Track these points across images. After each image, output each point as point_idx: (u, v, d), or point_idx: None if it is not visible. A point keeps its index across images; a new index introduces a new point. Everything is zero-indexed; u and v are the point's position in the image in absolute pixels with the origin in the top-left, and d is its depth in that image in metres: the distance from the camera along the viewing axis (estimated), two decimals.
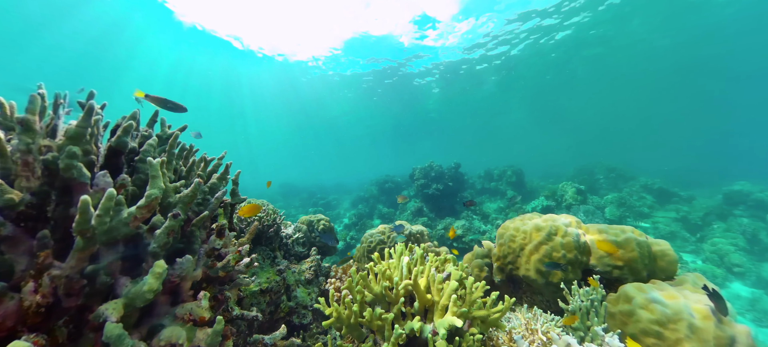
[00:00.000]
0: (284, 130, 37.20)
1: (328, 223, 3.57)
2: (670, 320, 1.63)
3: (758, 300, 5.30)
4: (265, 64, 16.54)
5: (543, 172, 14.95)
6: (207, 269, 1.31)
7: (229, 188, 1.76)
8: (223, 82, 19.52)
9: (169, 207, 1.19)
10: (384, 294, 1.52)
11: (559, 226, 2.50)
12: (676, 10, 10.66)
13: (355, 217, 11.42)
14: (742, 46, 13.22)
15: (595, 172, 11.72)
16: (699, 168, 15.95)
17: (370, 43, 14.11)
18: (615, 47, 13.45)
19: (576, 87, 19.13)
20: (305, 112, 26.44)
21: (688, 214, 7.69)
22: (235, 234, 1.68)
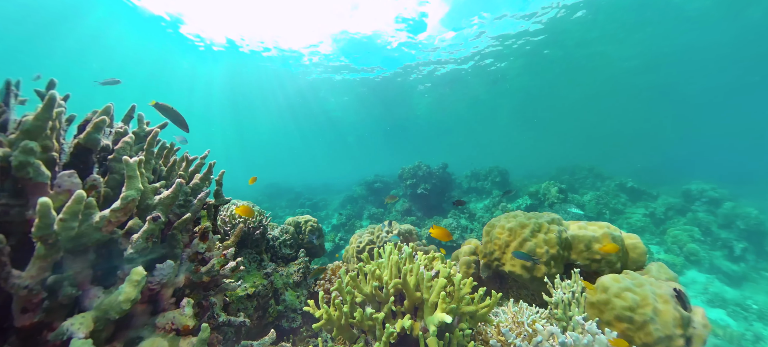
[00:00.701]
0: (269, 128, 36.03)
1: (316, 224, 3.51)
2: (638, 305, 1.77)
3: (710, 283, 5.93)
4: (249, 59, 15.92)
5: (526, 172, 15.57)
6: (190, 274, 1.24)
7: (213, 189, 1.67)
8: (204, 77, 18.64)
9: (148, 210, 1.12)
10: (374, 293, 1.52)
11: (543, 223, 2.60)
12: (642, 36, 12.60)
13: (344, 218, 11.32)
14: (697, 68, 16.11)
15: (576, 172, 12.35)
16: (663, 168, 17.45)
17: (360, 43, 14.05)
18: (592, 63, 15.19)
19: (558, 94, 20.82)
20: (292, 110, 25.76)
21: (655, 210, 8.33)
22: (220, 237, 1.60)
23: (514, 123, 33.48)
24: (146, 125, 1.46)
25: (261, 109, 25.11)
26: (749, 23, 11.95)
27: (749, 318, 5.21)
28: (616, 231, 2.54)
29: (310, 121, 30.94)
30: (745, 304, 5.45)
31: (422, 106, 24.29)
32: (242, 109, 25.73)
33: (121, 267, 1.00)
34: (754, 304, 5.43)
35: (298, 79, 18.32)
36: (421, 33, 13.18)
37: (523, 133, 40.52)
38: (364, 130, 35.73)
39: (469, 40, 13.57)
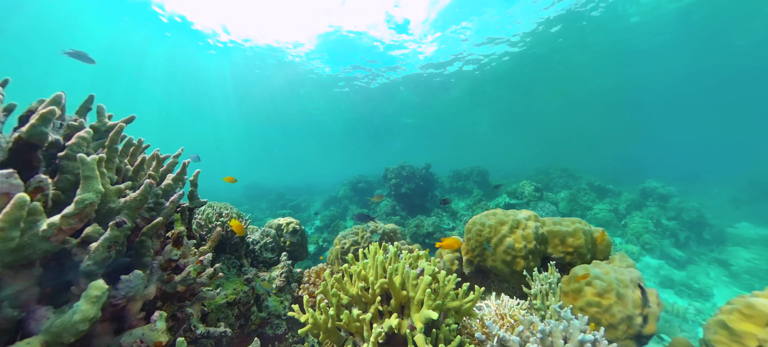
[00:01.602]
0: (249, 126, 34.29)
1: (298, 226, 3.42)
2: (606, 291, 1.94)
3: (661, 268, 6.70)
4: (229, 52, 14.98)
5: (505, 172, 16.33)
6: (162, 284, 1.13)
7: (187, 190, 1.55)
8: (181, 70, 17.26)
9: (111, 215, 0.99)
10: (360, 294, 1.51)
11: (520, 220, 2.73)
12: (609, 50, 14.14)
13: (327, 219, 11.14)
14: (653, 81, 18.68)
15: (550, 172, 13.17)
16: (624, 168, 19.38)
17: (346, 41, 13.81)
18: (566, 72, 16.71)
19: (534, 98, 22.45)
20: (274, 108, 24.66)
21: (618, 206, 9.15)
22: (196, 242, 1.49)
23: (494, 126, 35.30)
24: (109, 119, 1.29)
25: (240, 105, 23.80)
26: (696, 47, 13.97)
27: (692, 296, 5.91)
28: (587, 226, 2.74)
29: (293, 120, 29.91)
30: (688, 284, 6.18)
31: (406, 107, 24.55)
32: (219, 105, 24.20)
33: (77, 281, 0.87)
34: (695, 284, 6.19)
35: (280, 76, 17.59)
36: (407, 35, 13.32)
37: (502, 135, 42.70)
38: (348, 129, 35.31)
39: (453, 45, 14.01)
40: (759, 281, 6.20)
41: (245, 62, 16.06)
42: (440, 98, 21.47)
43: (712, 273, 6.69)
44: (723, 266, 6.89)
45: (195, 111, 27.26)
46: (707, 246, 7.62)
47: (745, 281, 6.33)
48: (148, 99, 22.94)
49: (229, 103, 23.62)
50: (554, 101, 22.98)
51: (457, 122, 31.89)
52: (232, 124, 33.32)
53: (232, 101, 22.82)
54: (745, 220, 9.19)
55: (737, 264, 6.83)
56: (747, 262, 6.82)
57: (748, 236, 8.11)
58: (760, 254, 7.03)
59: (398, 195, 10.66)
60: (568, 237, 2.65)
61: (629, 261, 2.29)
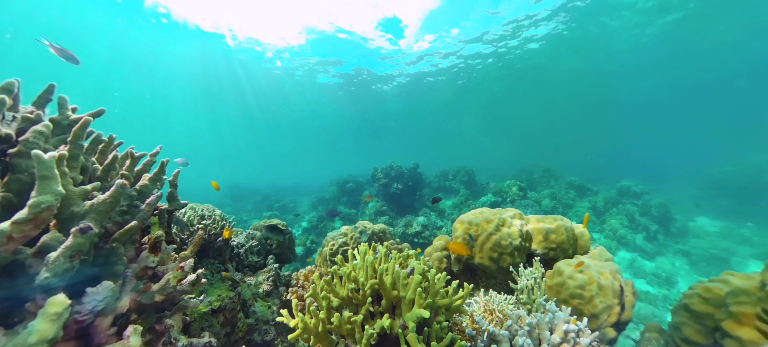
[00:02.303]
0: (234, 124, 32.64)
1: (284, 228, 3.32)
2: (586, 283, 2.03)
3: (635, 260, 7.23)
4: (214, 45, 14.19)
5: (491, 172, 16.82)
6: (138, 295, 1.04)
7: (166, 191, 1.44)
8: (161, 63, 16.08)
9: (74, 220, 0.88)
10: (351, 296, 1.49)
11: (506, 218, 2.80)
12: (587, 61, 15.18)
13: (315, 220, 10.95)
14: (629, 86, 20.14)
15: (533, 171, 13.71)
16: (602, 167, 20.74)
17: (336, 40, 13.61)
18: (548, 75, 17.49)
19: (519, 101, 23.50)
20: (259, 106, 23.74)
21: (596, 203, 9.69)
22: (176, 247, 1.39)
23: (480, 127, 36.36)
24: (73, 111, 1.13)
25: (225, 102, 22.70)
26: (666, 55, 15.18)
27: (661, 284, 6.45)
28: (568, 223, 2.86)
29: (279, 119, 29.06)
30: (657, 273, 6.73)
31: (394, 108, 24.63)
32: (202, 101, 22.71)
33: (33, 296, 0.77)
34: (663, 273, 6.75)
35: (267, 72, 16.97)
36: (397, 36, 13.35)
37: (488, 136, 44.00)
38: (336, 129, 34.90)
39: (441, 48, 14.22)
40: (714, 268, 6.83)
41: (231, 56, 15.28)
42: (428, 99, 21.76)
43: (677, 263, 7.31)
44: (685, 256, 7.53)
45: (176, 108, 25.64)
46: (673, 238, 8.27)
47: (703, 268, 6.97)
48: (125, 94, 21.34)
49: (212, 100, 22.39)
50: (536, 103, 24.13)
51: (445, 123, 32.49)
52: (215, 121, 31.62)
53: (216, 98, 21.61)
54: (703, 215, 10.08)
55: (696, 253, 7.49)
56: (704, 252, 7.51)
57: (705, 229, 8.95)
58: (715, 244, 7.78)
59: (387, 195, 10.67)
60: (551, 234, 2.75)
61: (608, 255, 2.41)
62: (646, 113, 32.06)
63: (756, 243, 7.59)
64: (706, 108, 29.82)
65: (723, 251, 7.39)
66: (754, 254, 7.18)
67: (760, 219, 8.90)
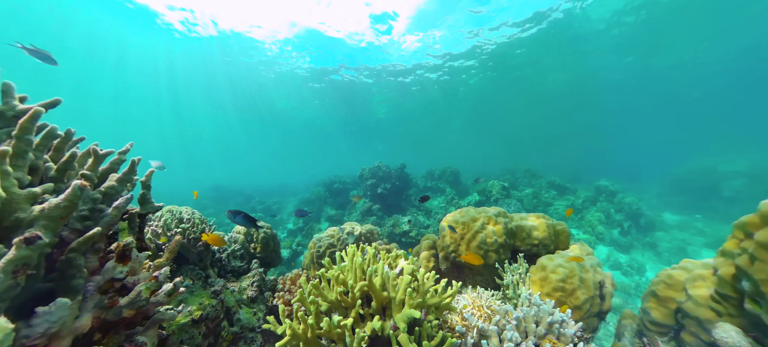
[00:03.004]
0: (215, 122, 30.71)
1: (269, 231, 3.21)
2: (568, 277, 2.12)
3: (611, 253, 7.78)
4: (194, 38, 13.39)
5: (475, 172, 17.28)
6: (102, 311, 0.92)
7: (138, 193, 1.32)
8: (137, 56, 14.93)
9: (20, 228, 0.76)
10: (340, 299, 1.45)
11: (491, 217, 2.87)
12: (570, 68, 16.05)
13: (301, 221, 10.72)
14: (605, 92, 21.37)
15: (516, 171, 14.23)
16: (580, 168, 22.01)
17: (324, 37, 13.28)
18: (532, 81, 18.40)
19: (502, 103, 24.46)
20: (242, 103, 22.51)
21: (575, 202, 10.19)
22: (150, 254, 1.27)
23: (466, 128, 37.33)
24: (20, 101, 0.98)
25: (205, 98, 21.39)
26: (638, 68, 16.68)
27: (633, 274, 6.98)
28: (549, 220, 2.97)
29: (264, 117, 27.84)
30: (631, 264, 7.29)
31: (381, 108, 24.62)
32: (182, 97, 21.23)
33: None
34: (635, 264, 7.32)
35: (251, 69, 16.26)
36: (387, 36, 13.30)
37: (473, 137, 45.21)
38: (322, 128, 34.28)
39: (430, 49, 14.38)
40: (676, 257, 7.57)
41: (212, 49, 14.48)
42: (415, 99, 21.95)
43: (646, 254, 7.94)
44: (652, 248, 8.19)
45: (153, 104, 23.48)
46: (643, 232, 8.92)
47: (666, 258, 7.69)
48: (98, 89, 19.58)
49: (192, 95, 20.87)
50: (519, 105, 25.20)
51: (431, 123, 32.95)
52: (195, 118, 29.40)
53: (197, 93, 20.15)
54: (667, 210, 10.98)
55: (661, 245, 8.25)
56: (668, 243, 8.31)
57: (668, 222, 9.84)
58: (676, 236, 8.66)
59: (374, 196, 10.64)
60: (533, 231, 2.84)
61: (588, 250, 2.53)
62: (622, 118, 34.88)
63: (707, 234, 8.56)
64: (669, 115, 33.77)
65: (681, 242, 8.27)
66: (705, 243, 8.11)
67: (708, 212, 10.06)
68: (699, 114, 32.85)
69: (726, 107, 30.13)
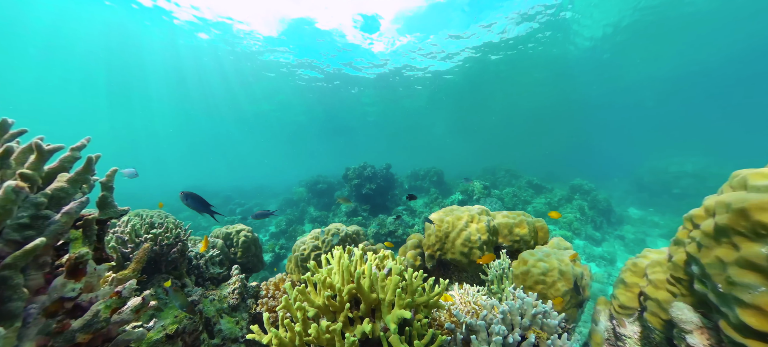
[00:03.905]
0: (190, 118, 28.29)
1: (250, 234, 3.05)
2: (549, 270, 2.21)
3: (586, 247, 8.33)
4: (169, 24, 12.22)
5: (458, 172, 17.74)
6: (48, 338, 0.78)
7: (98, 196, 1.14)
8: (104, 45, 13.42)
9: None
10: (327, 303, 1.39)
11: (474, 215, 2.93)
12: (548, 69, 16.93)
13: (284, 223, 10.38)
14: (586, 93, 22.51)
15: (496, 171, 14.79)
16: (556, 168, 23.51)
17: (311, 33, 12.86)
18: (511, 85, 19.30)
19: (485, 106, 25.62)
20: (220, 99, 21.05)
21: (552, 200, 10.82)
22: (112, 266, 1.12)
23: (449, 129, 38.25)
24: None
25: (180, 91, 19.68)
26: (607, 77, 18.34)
27: (606, 265, 7.57)
28: (529, 217, 3.09)
29: (243, 114, 26.36)
30: (604, 256, 7.90)
31: (367, 108, 24.49)
32: (152, 89, 19.35)
33: None
34: (607, 255, 7.94)
35: (230, 62, 15.26)
36: (373, 35, 13.20)
37: (456, 138, 46.43)
38: (305, 127, 33.41)
39: (416, 51, 14.51)
40: (640, 247, 8.33)
41: (191, 40, 13.41)
42: (400, 101, 22.08)
43: (616, 246, 8.64)
44: (621, 240, 8.91)
45: (121, 95, 20.92)
46: (613, 226, 9.70)
47: (632, 248, 8.48)
48: (59, 79, 17.34)
49: (164, 87, 18.89)
50: (500, 108, 26.41)
51: (416, 124, 33.37)
52: (166, 113, 26.54)
53: (174, 85, 18.30)
54: (632, 206, 12.04)
55: (628, 237, 9.05)
56: (633, 235, 9.15)
57: (634, 217, 10.82)
58: (640, 228, 9.61)
59: (359, 196, 10.55)
60: (514, 228, 2.94)
61: (566, 244, 2.65)
62: (593, 122, 38.19)
63: (661, 226, 9.70)
64: (632, 120, 38.36)
65: (643, 233, 9.22)
66: (660, 234, 9.16)
67: (662, 207, 11.39)
68: (655, 120, 37.98)
69: (676, 116, 34.89)
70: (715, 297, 1.25)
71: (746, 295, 1.11)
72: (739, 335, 1.14)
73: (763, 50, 14.34)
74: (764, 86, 21.99)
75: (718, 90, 23.13)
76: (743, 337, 1.13)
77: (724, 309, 1.20)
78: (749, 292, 1.10)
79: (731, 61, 16.09)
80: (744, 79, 20.08)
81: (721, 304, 1.22)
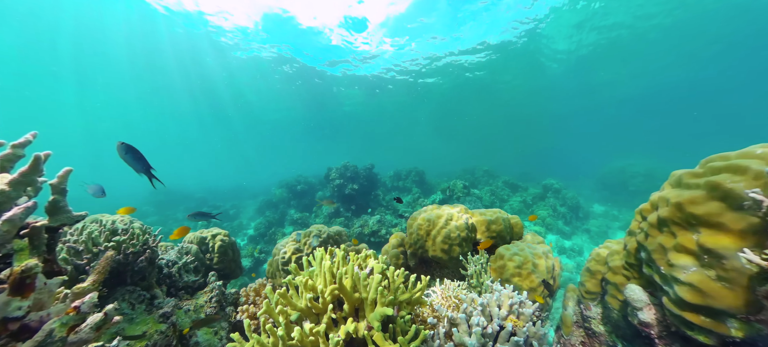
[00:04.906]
0: (158, 112, 25.31)
1: (227, 238, 2.91)
2: (523, 263, 2.35)
3: (558, 241, 8.98)
4: (137, 7, 10.96)
5: (439, 172, 18.23)
6: None
7: (48, 200, 1.01)
8: (49, 20, 11.61)
9: None
10: (310, 306, 1.38)
11: (454, 213, 3.03)
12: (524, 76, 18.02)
13: (263, 226, 9.99)
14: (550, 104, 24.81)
15: (475, 171, 15.43)
16: (530, 167, 25.19)
17: (293, 28, 12.33)
18: (491, 90, 20.41)
19: (464, 110, 26.85)
20: (192, 93, 19.24)
21: (526, 198, 11.54)
22: (65, 279, 1.00)
23: (430, 130, 39.18)
24: None
25: (148, 85, 17.77)
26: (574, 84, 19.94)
27: (575, 256, 8.23)
28: (505, 214, 3.25)
29: (220, 109, 24.34)
30: (573, 248, 8.57)
31: (350, 107, 24.23)
32: (115, 79, 16.96)
33: None
34: (576, 247, 8.64)
35: (204, 52, 14.06)
36: (359, 34, 13.04)
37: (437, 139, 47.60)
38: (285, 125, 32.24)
39: (401, 52, 14.62)
40: (603, 239, 9.18)
41: (157, 25, 12.09)
42: (383, 102, 22.13)
43: (583, 238, 9.40)
44: (587, 233, 9.69)
45: (78, 83, 17.75)
46: (580, 221, 10.55)
47: (597, 240, 9.31)
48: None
49: (131, 80, 16.71)
50: (479, 111, 27.77)
51: (399, 125, 33.69)
52: (129, 105, 22.86)
53: (143, 77, 16.36)
54: (597, 203, 13.22)
55: (593, 230, 9.92)
56: (597, 228, 10.04)
57: (598, 212, 11.88)
58: (603, 222, 10.60)
59: (341, 196, 10.44)
60: (492, 225, 3.08)
61: (539, 239, 2.83)
62: (563, 125, 41.20)
63: (620, 219, 10.82)
64: (595, 126, 42.84)
65: (606, 226, 10.21)
66: (620, 226, 10.19)
67: (618, 202, 12.80)
68: (615, 127, 43.00)
69: (632, 123, 39.84)
70: (658, 277, 1.44)
71: (682, 274, 1.29)
72: (678, 308, 1.32)
73: (697, 73, 17.94)
74: (700, 101, 27.84)
75: (665, 102, 27.92)
76: (681, 310, 1.31)
77: (665, 287, 1.39)
78: (684, 272, 1.28)
79: (676, 80, 19.43)
80: (686, 96, 25.07)
81: (664, 283, 1.40)
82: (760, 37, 13.14)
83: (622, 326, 1.79)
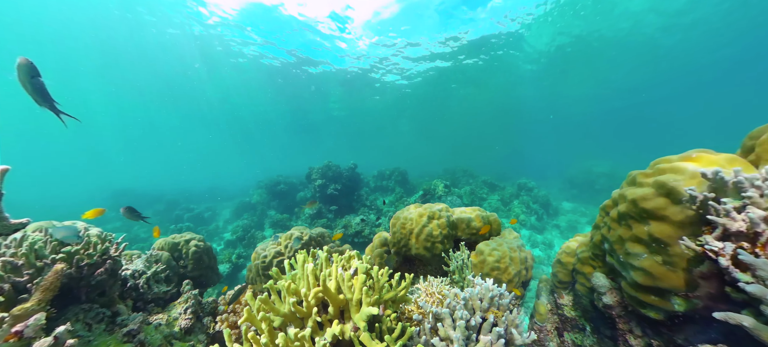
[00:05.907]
0: (122, 107, 22.92)
1: (202, 243, 2.75)
2: (501, 258, 2.48)
3: (531, 235, 9.57)
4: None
5: (421, 172, 18.60)
6: None
7: None
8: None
9: None
10: (294, 310, 1.35)
11: (435, 212, 3.12)
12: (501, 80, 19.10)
13: (241, 230, 9.55)
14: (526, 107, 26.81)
15: (456, 171, 15.97)
16: (506, 167, 26.49)
17: (276, 18, 11.66)
18: (470, 93, 21.28)
19: (445, 113, 27.72)
20: (163, 85, 17.51)
21: (504, 196, 12.15)
22: (1, 300, 0.88)
23: (412, 131, 39.75)
24: None
25: (110, 76, 15.80)
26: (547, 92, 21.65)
27: (546, 249, 8.82)
28: (483, 212, 3.41)
29: (191, 105, 22.15)
30: (545, 242, 9.21)
31: (333, 105, 23.84)
32: (82, 70, 14.96)
33: None
34: (547, 241, 9.28)
35: (178, 40, 12.83)
36: (344, 31, 12.77)
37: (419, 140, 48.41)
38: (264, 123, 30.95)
39: (386, 52, 14.62)
40: (572, 233, 9.97)
41: (123, 9, 10.84)
42: (366, 101, 22.04)
43: (554, 233, 10.08)
44: (558, 228, 10.40)
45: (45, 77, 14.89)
46: (551, 217, 11.32)
47: (566, 234, 10.05)
48: None
49: (92, 66, 14.74)
50: (455, 113, 28.74)
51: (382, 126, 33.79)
52: (93, 99, 20.38)
53: (107, 65, 14.55)
54: (566, 200, 14.26)
55: (563, 225, 10.68)
56: (567, 224, 10.82)
57: (567, 209, 12.80)
58: (572, 218, 11.42)
59: (324, 196, 10.26)
60: (471, 222, 3.21)
61: (515, 234, 3.00)
62: (535, 128, 44.43)
63: (587, 215, 11.75)
64: (564, 129, 47.13)
65: (574, 222, 11.04)
66: (587, 221, 11.07)
67: (585, 200, 13.95)
68: (582, 130, 47.53)
69: (597, 127, 44.33)
70: (618, 265, 1.63)
71: (636, 261, 1.49)
72: (633, 290, 1.53)
73: (655, 80, 20.10)
74: (657, 108, 31.21)
75: (625, 107, 30.96)
76: (635, 291, 1.52)
77: (623, 273, 1.59)
78: (638, 259, 1.48)
79: (634, 86, 21.70)
80: (643, 101, 27.90)
81: (622, 270, 1.60)
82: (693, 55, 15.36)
83: (590, 310, 1.99)
